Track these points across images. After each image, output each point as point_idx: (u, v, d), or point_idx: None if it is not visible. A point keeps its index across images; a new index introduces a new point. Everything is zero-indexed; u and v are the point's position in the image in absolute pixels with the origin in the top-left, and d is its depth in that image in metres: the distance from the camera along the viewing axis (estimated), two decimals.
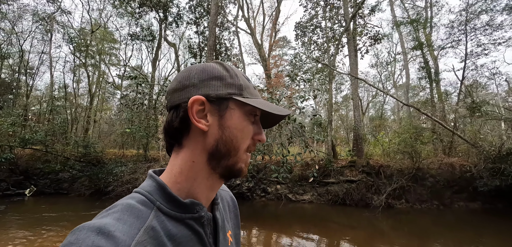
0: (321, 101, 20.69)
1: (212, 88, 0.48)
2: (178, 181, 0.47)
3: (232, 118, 0.49)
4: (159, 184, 0.46)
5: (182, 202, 0.45)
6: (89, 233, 0.34)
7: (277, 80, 13.22)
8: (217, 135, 0.48)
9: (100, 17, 18.25)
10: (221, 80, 0.49)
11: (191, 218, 0.46)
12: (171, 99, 0.49)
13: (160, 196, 0.45)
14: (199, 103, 0.47)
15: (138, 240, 0.37)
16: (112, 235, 0.35)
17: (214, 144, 0.48)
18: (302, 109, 5.29)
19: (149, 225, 0.40)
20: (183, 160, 0.48)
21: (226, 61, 15.63)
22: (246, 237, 5.79)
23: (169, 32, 17.68)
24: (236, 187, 9.44)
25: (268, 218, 7.44)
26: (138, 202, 0.43)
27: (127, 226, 0.38)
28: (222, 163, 0.49)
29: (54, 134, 11.88)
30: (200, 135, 0.48)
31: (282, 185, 9.55)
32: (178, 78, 0.50)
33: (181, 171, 0.48)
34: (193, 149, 0.48)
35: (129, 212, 0.40)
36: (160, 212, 0.43)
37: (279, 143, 6.36)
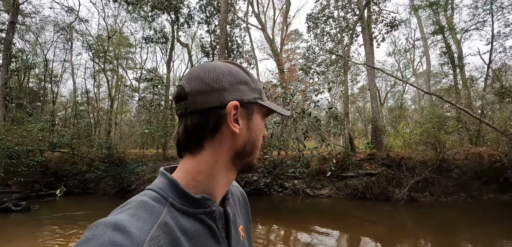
0: (337, 94, 20.22)
1: (242, 93, 0.50)
2: (197, 179, 0.48)
3: (256, 120, 0.53)
4: (171, 180, 0.47)
5: (194, 197, 0.46)
6: (105, 229, 0.36)
7: (291, 74, 13.07)
8: (245, 136, 0.51)
9: (115, 23, 18.90)
10: (247, 84, 0.52)
11: (203, 213, 0.47)
12: (197, 102, 0.48)
13: (172, 192, 0.46)
14: (234, 108, 0.48)
15: (152, 235, 0.38)
16: (127, 231, 0.36)
17: (243, 145, 0.51)
18: (317, 103, 5.18)
19: (163, 221, 0.41)
20: (204, 160, 0.49)
21: (238, 58, 15.67)
22: (265, 233, 5.82)
23: (182, 33, 17.97)
24: (253, 182, 9.50)
25: (286, 213, 7.43)
26: (151, 198, 0.44)
27: (141, 222, 0.39)
28: (244, 160, 0.52)
29: (79, 137, 12.51)
30: (228, 137, 0.49)
31: (299, 180, 9.48)
32: (204, 80, 0.48)
33: (200, 170, 0.49)
34: (217, 149, 0.49)
35: (143, 208, 0.41)
36: (173, 208, 0.44)
37: (295, 138, 6.31)
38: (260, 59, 29.31)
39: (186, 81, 0.49)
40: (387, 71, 16.57)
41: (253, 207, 3.36)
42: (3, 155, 9.09)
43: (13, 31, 13.96)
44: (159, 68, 23.56)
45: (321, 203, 8.52)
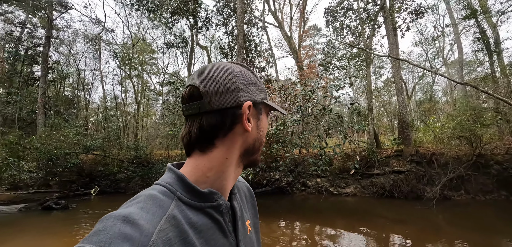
0: (360, 88, 19.49)
1: (253, 94, 0.53)
2: (207, 175, 0.50)
3: (263, 119, 0.56)
4: (178, 175, 0.49)
5: (201, 191, 0.47)
6: (116, 221, 0.37)
7: (310, 71, 12.83)
8: (255, 135, 0.54)
9: (138, 31, 19.83)
10: (256, 85, 0.54)
11: (210, 206, 0.48)
12: (213, 102, 0.48)
13: (180, 186, 0.47)
14: (248, 108, 0.51)
15: (161, 227, 0.39)
16: (137, 223, 0.38)
17: (252, 143, 0.54)
18: (338, 99, 5.03)
19: (171, 214, 0.42)
20: (215, 158, 0.50)
21: (257, 57, 15.69)
22: (288, 232, 5.78)
23: (200, 36, 18.39)
24: (275, 181, 9.47)
25: (309, 212, 7.32)
26: (160, 192, 0.45)
27: (150, 215, 0.40)
28: (252, 157, 0.55)
29: (109, 140, 13.31)
30: (240, 136, 0.51)
31: (322, 178, 9.29)
32: (219, 81, 0.50)
33: (211, 167, 0.50)
34: (228, 147, 0.51)
35: (152, 201, 0.43)
36: (181, 202, 0.46)
37: (316, 135, 6.18)
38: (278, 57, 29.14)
39: (199, 81, 0.50)
40: (414, 62, 15.63)
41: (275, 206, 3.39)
42: (45, 158, 9.95)
43: (49, 45, 15.20)
44: (180, 71, 24.33)
45: (345, 202, 8.27)
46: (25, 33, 17.42)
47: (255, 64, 15.88)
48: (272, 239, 5.19)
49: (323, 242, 5.13)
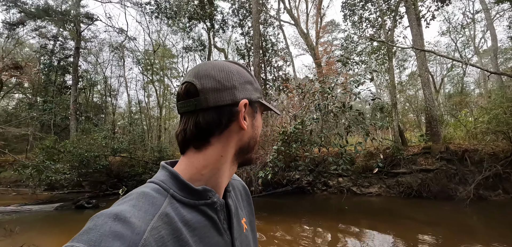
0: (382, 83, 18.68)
1: (249, 92, 0.53)
2: (202, 173, 0.49)
3: (258, 119, 0.56)
4: (172, 173, 0.48)
5: (195, 188, 0.47)
6: (107, 219, 0.36)
7: (329, 67, 12.51)
8: (250, 133, 0.54)
9: (158, 37, 20.60)
10: (252, 84, 0.55)
11: (204, 204, 0.48)
12: (210, 99, 0.48)
13: (173, 184, 0.47)
14: (245, 106, 0.51)
15: (153, 225, 0.39)
16: (128, 221, 0.37)
17: (247, 141, 0.54)
18: (358, 95, 4.83)
19: (163, 212, 0.42)
20: (210, 155, 0.50)
21: (274, 56, 15.61)
22: (311, 232, 5.66)
23: (217, 38, 18.71)
24: (295, 181, 9.34)
25: (331, 212, 7.12)
26: (153, 190, 0.45)
27: (142, 213, 0.39)
28: (247, 155, 0.55)
29: (134, 142, 13.95)
30: (235, 133, 0.51)
31: (344, 178, 9.02)
32: (217, 78, 0.50)
33: (206, 164, 0.50)
34: (224, 145, 0.51)
35: (144, 199, 0.42)
36: (174, 199, 0.45)
37: (336, 133, 6.01)
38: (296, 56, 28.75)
39: (196, 78, 0.49)
40: (441, 53, 14.64)
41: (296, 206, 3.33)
42: (77, 161, 10.67)
43: (78, 55, 16.26)
44: None
45: (369, 202, 7.95)
46: (57, 46, 18.86)
47: (272, 64, 15.82)
48: (294, 238, 5.12)
49: (348, 242, 4.96)
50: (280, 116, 11.92)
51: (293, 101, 11.20)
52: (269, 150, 7.96)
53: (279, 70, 15.96)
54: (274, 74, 15.73)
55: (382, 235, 5.18)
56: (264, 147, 9.29)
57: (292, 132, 6.38)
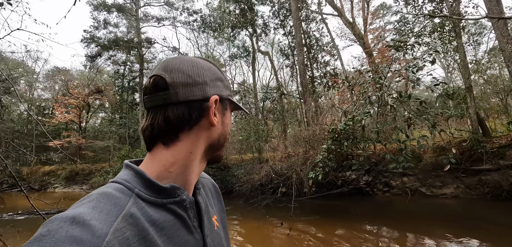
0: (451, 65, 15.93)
1: (220, 89, 0.53)
2: (170, 170, 0.47)
3: (227, 116, 0.56)
4: (136, 171, 0.46)
5: (162, 187, 0.45)
6: (62, 223, 0.33)
7: (382, 55, 11.29)
8: (220, 130, 0.53)
9: (207, 50, 22.09)
10: (222, 81, 0.54)
11: (172, 202, 0.45)
12: (180, 93, 0.47)
13: (138, 183, 0.44)
14: (215, 102, 0.50)
15: (116, 227, 0.36)
16: (88, 224, 0.33)
17: (217, 138, 0.53)
18: (416, 82, 4.14)
19: (128, 212, 0.39)
20: (179, 152, 0.48)
21: (319, 52, 14.97)
22: (375, 237, 5.11)
23: (261, 42, 18.98)
24: (352, 181, 8.66)
25: (397, 217, 6.28)
26: (115, 189, 0.42)
27: (103, 214, 0.36)
28: (216, 152, 0.54)
29: None
30: (205, 130, 0.50)
31: (409, 177, 7.93)
32: (187, 73, 0.49)
33: (175, 161, 0.48)
34: (193, 141, 0.49)
35: (106, 200, 0.39)
36: (140, 199, 0.42)
37: (394, 127, 5.33)
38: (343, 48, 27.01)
39: (165, 72, 0.48)
40: None
41: (355, 209, 3.04)
42: None
43: (142, 75, 18.66)
44: (246, 79, 25.72)
45: (444, 205, 6.78)
46: (126, 70, 22.17)
47: (318, 60, 15.18)
48: (355, 245, 4.69)
49: None
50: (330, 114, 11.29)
51: (344, 97, 10.50)
52: (319, 150, 7.60)
53: (326, 66, 15.19)
54: (321, 71, 15.07)
55: (466, 242, 4.32)
56: (314, 146, 8.91)
57: (343, 129, 5.93)
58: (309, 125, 10.05)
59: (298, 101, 14.92)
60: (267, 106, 14.80)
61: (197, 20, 17.59)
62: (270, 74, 23.63)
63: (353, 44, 19.07)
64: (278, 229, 6.08)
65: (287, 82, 21.08)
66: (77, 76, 24.18)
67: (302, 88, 11.87)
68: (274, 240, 5.53)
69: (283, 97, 14.94)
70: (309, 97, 11.23)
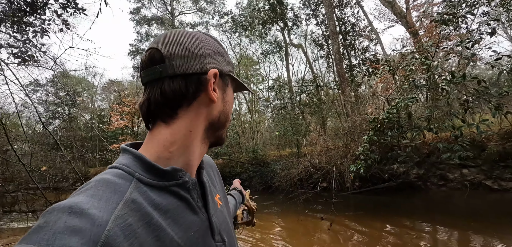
0: None
1: (220, 63, 0.50)
2: (170, 150, 0.46)
3: (228, 94, 0.54)
4: (135, 155, 0.44)
5: (163, 170, 0.43)
6: (60, 214, 0.32)
7: (429, 33, 10.06)
8: (220, 107, 0.51)
9: (240, 49, 22.51)
10: (222, 56, 0.52)
11: (175, 184, 0.44)
12: (176, 66, 0.45)
13: (138, 167, 0.43)
14: (214, 76, 0.48)
15: (118, 214, 0.35)
16: (87, 213, 0.32)
17: (217, 116, 0.50)
18: (472, 58, 3.55)
19: (129, 198, 0.38)
20: (178, 130, 0.46)
21: (356, 38, 14.07)
22: (431, 237, 4.64)
23: (293, 36, 18.58)
24: (401, 175, 7.97)
25: (456, 214, 5.55)
26: (114, 175, 0.40)
27: (103, 202, 0.35)
28: (217, 133, 0.52)
29: (232, 146, 15.75)
30: (204, 106, 0.48)
31: (470, 169, 6.99)
32: (185, 44, 0.46)
33: (174, 141, 0.46)
34: (193, 118, 0.47)
35: (105, 187, 0.37)
36: (141, 183, 0.41)
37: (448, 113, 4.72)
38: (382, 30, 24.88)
39: (161, 44, 0.46)
40: None
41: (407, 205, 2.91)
42: None
43: None
44: (280, 74, 25.55)
45: None
46: None
47: (355, 47, 14.27)
48: (409, 245, 4.33)
49: None
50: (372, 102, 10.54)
51: (387, 83, 9.72)
52: (360, 142, 7.18)
53: (365, 52, 14.19)
54: (359, 58, 14.13)
55: None
56: (355, 138, 8.45)
57: (386, 118, 5.48)
58: (349, 116, 9.56)
59: (336, 92, 14.28)
60: (303, 100, 14.48)
61: (228, 21, 18.01)
62: (305, 67, 23.03)
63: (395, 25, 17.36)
64: (319, 224, 5.95)
65: (324, 74, 20.31)
66: (127, 86, 26.91)
67: (339, 78, 11.32)
68: (315, 234, 5.43)
69: (320, 89, 14.43)
70: (347, 87, 10.66)
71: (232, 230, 0.59)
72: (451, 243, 4.37)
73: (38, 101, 16.52)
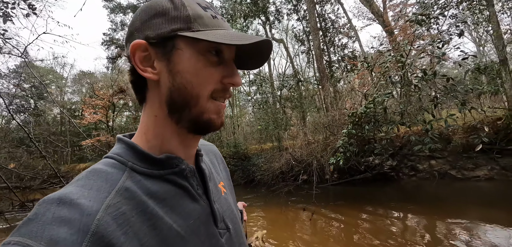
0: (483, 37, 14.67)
1: (152, 29, 0.41)
2: (148, 139, 0.44)
3: (182, 61, 0.41)
4: (129, 144, 0.43)
5: (157, 158, 0.42)
6: (49, 205, 0.32)
7: (404, 32, 10.63)
8: (168, 83, 0.41)
9: None
10: (164, 16, 0.41)
11: (171, 173, 0.43)
12: (126, 52, 0.43)
13: (131, 156, 0.42)
14: (142, 49, 0.41)
15: (109, 203, 0.34)
16: (76, 203, 0.32)
17: (168, 94, 0.42)
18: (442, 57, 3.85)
19: (122, 187, 0.37)
20: (147, 115, 0.44)
21: (336, 35, 14.47)
22: (401, 223, 4.97)
23: (274, 30, 18.65)
24: (376, 166, 8.42)
25: (425, 201, 6.01)
26: (107, 165, 0.40)
27: (93, 191, 0.35)
28: (184, 115, 0.42)
29: (212, 140, 15.54)
30: (155, 86, 0.43)
31: (438, 160, 7.55)
32: (129, 25, 0.44)
33: (147, 128, 0.44)
34: (153, 102, 0.43)
35: (96, 176, 0.37)
36: (135, 172, 0.40)
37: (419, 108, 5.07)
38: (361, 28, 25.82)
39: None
40: None
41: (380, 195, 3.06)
42: None
43: None
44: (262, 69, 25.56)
45: (477, 188, 6.40)
46: None
47: (335, 43, 14.68)
48: (381, 234, 4.60)
49: (450, 238, 4.11)
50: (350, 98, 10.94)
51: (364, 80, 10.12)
52: (339, 135, 7.46)
53: (344, 49, 14.66)
54: (338, 55, 14.57)
55: (500, 229, 4.08)
56: (334, 132, 8.75)
57: (363, 112, 5.75)
58: (328, 110, 9.86)
59: (316, 88, 14.64)
60: (284, 95, 14.67)
61: None
62: (286, 62, 23.31)
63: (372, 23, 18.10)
64: (301, 215, 6.13)
65: (304, 69, 20.67)
66: (101, 78, 25.47)
67: (319, 73, 11.59)
68: (297, 225, 5.60)
69: (300, 85, 14.69)
70: (327, 82, 10.96)
71: (237, 217, 0.56)
72: (419, 228, 4.73)
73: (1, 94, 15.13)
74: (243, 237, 0.55)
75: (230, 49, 0.45)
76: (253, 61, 0.50)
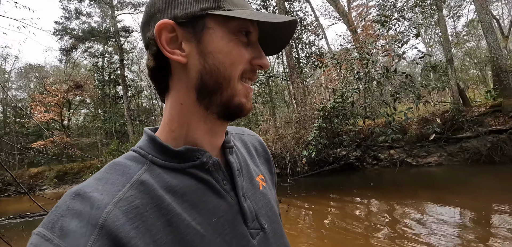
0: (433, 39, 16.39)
1: (180, 8, 0.38)
2: (172, 129, 0.42)
3: (213, 41, 0.38)
4: (150, 136, 0.42)
5: (175, 150, 0.40)
6: (67, 197, 0.33)
7: (366, 32, 11.41)
8: (199, 65, 0.39)
9: None
10: None
11: (192, 166, 0.40)
12: (144, 37, 0.41)
13: (152, 148, 0.40)
14: (169, 30, 0.38)
15: (121, 197, 0.34)
16: (88, 196, 0.33)
17: (198, 77, 0.39)
18: (402, 56, 4.24)
19: (138, 180, 0.36)
20: (171, 104, 0.42)
21: (304, 32, 14.91)
22: (365, 208, 5.39)
23: None
24: (343, 157, 8.95)
25: (385, 187, 6.62)
26: (127, 158, 0.40)
27: (108, 185, 0.35)
28: (214, 99, 0.40)
29: None
30: (182, 71, 0.40)
31: (396, 149, 8.29)
32: (146, 9, 0.41)
33: (172, 117, 0.42)
34: (178, 89, 0.41)
35: (114, 170, 0.37)
36: (155, 166, 0.39)
37: (382, 102, 5.51)
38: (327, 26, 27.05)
39: None
40: None
41: (347, 183, 3.20)
42: None
43: (123, 67, 17.93)
44: None
45: (429, 173, 7.19)
46: (105, 62, 21.21)
47: (303, 40, 15.15)
48: (347, 218, 4.93)
49: (406, 218, 4.58)
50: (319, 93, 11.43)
51: (330, 76, 10.62)
52: (310, 129, 7.76)
53: (312, 46, 15.23)
54: (306, 51, 15.08)
55: (447, 207, 4.66)
56: (305, 126, 9.07)
57: (332, 106, 6.07)
58: (298, 105, 10.17)
59: (285, 83, 14.96)
60: (254, 90, 14.74)
61: None
62: None
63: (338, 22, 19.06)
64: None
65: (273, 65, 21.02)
66: (52, 72, 22.90)
67: (289, 69, 11.88)
68: None
69: (270, 80, 14.90)
70: (297, 78, 11.28)
71: (276, 214, 0.52)
72: (380, 211, 5.20)
73: None
74: (283, 237, 0.50)
75: (256, 31, 0.42)
76: (273, 46, 0.47)
